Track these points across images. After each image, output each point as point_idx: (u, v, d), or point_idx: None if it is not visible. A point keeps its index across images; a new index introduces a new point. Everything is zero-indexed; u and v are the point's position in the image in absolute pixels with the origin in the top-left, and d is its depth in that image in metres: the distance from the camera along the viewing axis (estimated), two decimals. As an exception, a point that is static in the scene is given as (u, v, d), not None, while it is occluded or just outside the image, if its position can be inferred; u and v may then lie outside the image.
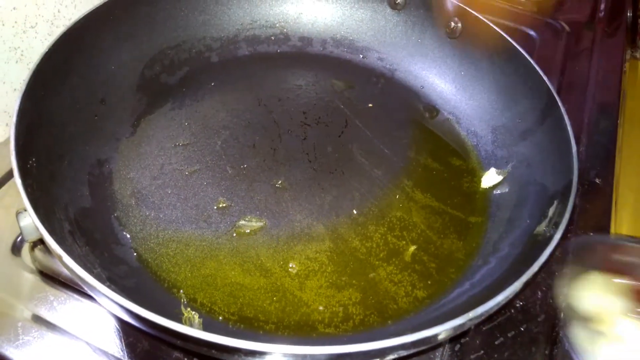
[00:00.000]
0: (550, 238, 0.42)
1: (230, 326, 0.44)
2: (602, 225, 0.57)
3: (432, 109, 0.65)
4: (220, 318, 0.45)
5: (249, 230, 0.51)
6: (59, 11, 0.63)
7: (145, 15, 0.60)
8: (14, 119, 0.44)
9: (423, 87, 0.66)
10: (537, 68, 0.56)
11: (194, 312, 0.44)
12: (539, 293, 0.51)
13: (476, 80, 0.63)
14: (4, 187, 0.55)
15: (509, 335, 0.48)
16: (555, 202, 0.47)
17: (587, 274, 0.46)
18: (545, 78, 0.55)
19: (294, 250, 0.50)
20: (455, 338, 0.47)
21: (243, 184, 0.54)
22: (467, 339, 0.47)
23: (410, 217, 0.54)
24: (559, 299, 0.49)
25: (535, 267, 0.39)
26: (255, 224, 0.51)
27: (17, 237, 0.51)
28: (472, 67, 0.64)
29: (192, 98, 0.61)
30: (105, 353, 0.45)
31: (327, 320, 0.45)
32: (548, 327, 0.49)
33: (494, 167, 0.57)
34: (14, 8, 0.58)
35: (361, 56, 0.69)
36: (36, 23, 0.61)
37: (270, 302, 0.46)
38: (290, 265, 0.49)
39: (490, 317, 0.47)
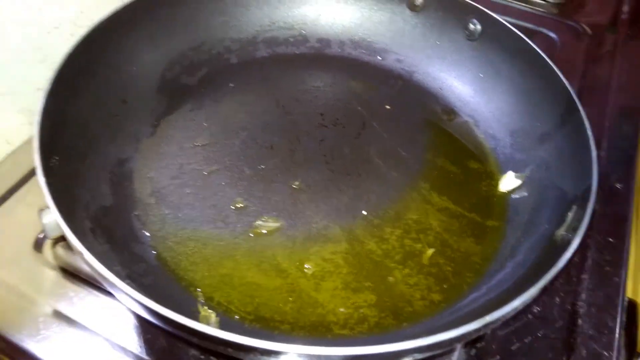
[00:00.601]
0: (569, 243, 0.41)
1: (247, 325, 0.45)
2: (622, 231, 0.56)
3: (450, 111, 0.64)
4: (237, 317, 0.45)
5: (265, 231, 0.51)
6: (81, 12, 0.64)
7: (167, 17, 0.60)
8: (37, 118, 0.44)
9: (441, 89, 0.66)
10: (557, 71, 0.55)
11: (211, 311, 0.45)
12: (557, 298, 0.51)
13: (495, 83, 0.63)
14: (27, 185, 0.56)
15: (526, 340, 0.47)
16: (574, 207, 0.47)
17: None
18: (565, 81, 0.54)
19: (310, 251, 0.50)
20: (471, 342, 0.47)
21: (260, 185, 0.55)
22: (483, 343, 0.47)
23: (427, 219, 0.53)
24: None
25: (552, 273, 0.39)
26: (272, 224, 0.52)
27: (39, 234, 0.52)
28: (491, 70, 0.63)
29: (211, 99, 0.62)
30: (123, 349, 0.45)
31: (342, 321, 0.46)
32: (566, 334, 0.49)
33: (513, 171, 0.57)
34: (39, 9, 0.59)
35: (379, 58, 0.69)
36: (60, 24, 0.62)
37: (285, 302, 0.46)
38: (306, 266, 0.49)
39: (506, 322, 0.47)
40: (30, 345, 0.45)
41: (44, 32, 0.61)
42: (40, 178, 0.41)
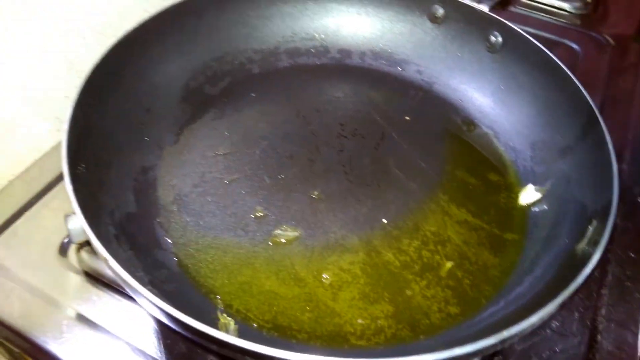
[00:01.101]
0: (589, 257, 0.41)
1: (264, 334, 0.45)
2: (644, 246, 0.56)
3: (470, 123, 0.64)
4: (255, 325, 0.46)
5: (284, 240, 0.52)
6: (108, 23, 0.66)
7: (191, 28, 0.62)
8: (66, 127, 0.46)
9: (461, 101, 0.66)
10: (579, 84, 0.55)
11: (230, 319, 0.45)
12: (576, 314, 0.50)
13: (516, 95, 0.63)
14: (53, 191, 0.57)
15: (544, 356, 0.47)
16: (595, 222, 0.46)
17: None
18: (586, 94, 0.54)
19: (327, 261, 0.51)
20: (488, 356, 0.47)
21: (280, 194, 0.55)
22: (501, 357, 0.47)
23: (445, 231, 0.54)
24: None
25: (571, 288, 0.39)
26: (291, 233, 0.52)
27: (65, 238, 0.53)
28: (512, 82, 0.63)
29: (233, 108, 0.63)
30: (143, 353, 0.46)
31: (359, 332, 0.46)
32: (585, 349, 0.48)
33: (533, 184, 0.56)
34: (67, 20, 0.61)
35: (399, 69, 0.69)
36: (87, 34, 0.64)
37: (303, 311, 0.47)
38: (324, 276, 0.49)
39: (524, 337, 0.47)
40: (53, 347, 0.46)
41: (70, 41, 0.62)
42: (67, 186, 0.42)
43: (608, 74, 0.75)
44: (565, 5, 0.86)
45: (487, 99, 0.65)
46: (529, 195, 0.56)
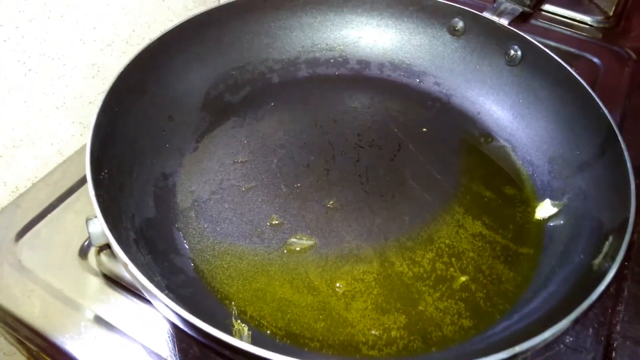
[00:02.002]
0: (604, 274, 0.41)
1: (277, 341, 0.46)
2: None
3: (488, 136, 0.64)
4: (268, 332, 0.46)
5: (299, 248, 0.52)
6: (133, 31, 0.68)
7: (214, 38, 0.63)
8: (90, 133, 0.47)
9: (479, 113, 0.66)
10: (598, 100, 0.55)
11: (243, 325, 0.46)
12: (591, 330, 0.50)
13: (534, 109, 0.63)
14: (75, 194, 0.59)
15: (557, 371, 0.47)
16: (611, 238, 0.46)
17: None
18: (605, 110, 0.54)
19: (341, 271, 0.51)
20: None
21: (296, 203, 0.56)
22: (513, 372, 0.47)
23: (460, 244, 0.54)
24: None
25: (585, 305, 0.39)
26: (306, 242, 0.53)
27: (85, 241, 0.54)
28: (530, 96, 0.63)
29: (252, 117, 0.64)
30: (158, 356, 0.47)
31: (371, 342, 0.46)
32: (599, 366, 0.48)
33: (550, 198, 0.56)
34: (94, 28, 0.62)
35: (418, 80, 0.70)
36: (112, 41, 0.65)
37: (316, 319, 0.47)
38: (338, 285, 0.50)
39: (537, 352, 0.46)
40: (71, 347, 0.47)
41: (97, 49, 0.64)
42: (90, 190, 0.43)
43: (629, 89, 0.75)
44: (587, 19, 0.86)
45: (505, 112, 0.65)
46: (545, 209, 0.56)
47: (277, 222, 0.54)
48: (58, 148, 0.64)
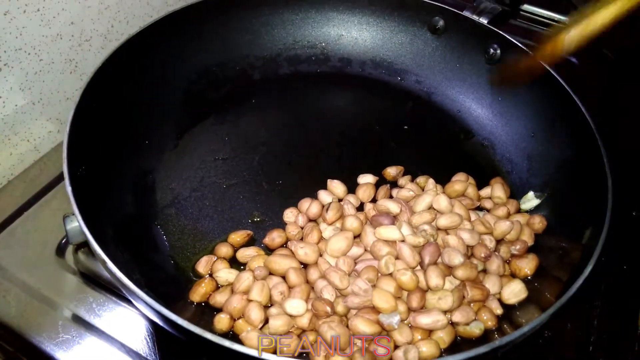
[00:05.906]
0: (581, 270, 0.42)
1: (259, 338, 0.45)
2: (637, 258, 0.56)
3: (468, 133, 0.65)
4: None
5: (281, 245, 0.52)
6: (112, 26, 0.67)
7: (194, 34, 0.62)
8: (67, 128, 0.46)
9: (459, 112, 0.67)
10: (576, 98, 0.55)
11: (224, 322, 0.45)
12: (569, 324, 0.51)
13: (513, 107, 0.63)
14: (52, 191, 0.58)
15: (535, 366, 0.47)
16: (588, 233, 0.47)
17: None
18: (583, 109, 0.54)
19: (323, 267, 0.51)
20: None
21: (277, 200, 0.56)
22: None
23: (441, 240, 0.54)
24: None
25: (563, 300, 0.39)
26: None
27: (62, 239, 0.53)
28: (509, 94, 0.64)
29: (233, 114, 0.64)
30: (138, 355, 0.47)
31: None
32: (577, 359, 0.48)
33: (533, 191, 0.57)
34: (72, 23, 0.61)
35: (399, 78, 0.70)
36: (91, 37, 0.64)
37: (298, 316, 0.47)
38: (320, 282, 0.50)
39: (517, 346, 0.47)
40: (49, 347, 0.47)
41: (75, 44, 0.63)
42: (67, 187, 0.42)
43: (606, 88, 0.76)
44: (565, 19, 0.87)
45: (484, 110, 0.66)
46: (529, 201, 0.56)
47: (258, 219, 0.54)
48: (34, 145, 0.63)
